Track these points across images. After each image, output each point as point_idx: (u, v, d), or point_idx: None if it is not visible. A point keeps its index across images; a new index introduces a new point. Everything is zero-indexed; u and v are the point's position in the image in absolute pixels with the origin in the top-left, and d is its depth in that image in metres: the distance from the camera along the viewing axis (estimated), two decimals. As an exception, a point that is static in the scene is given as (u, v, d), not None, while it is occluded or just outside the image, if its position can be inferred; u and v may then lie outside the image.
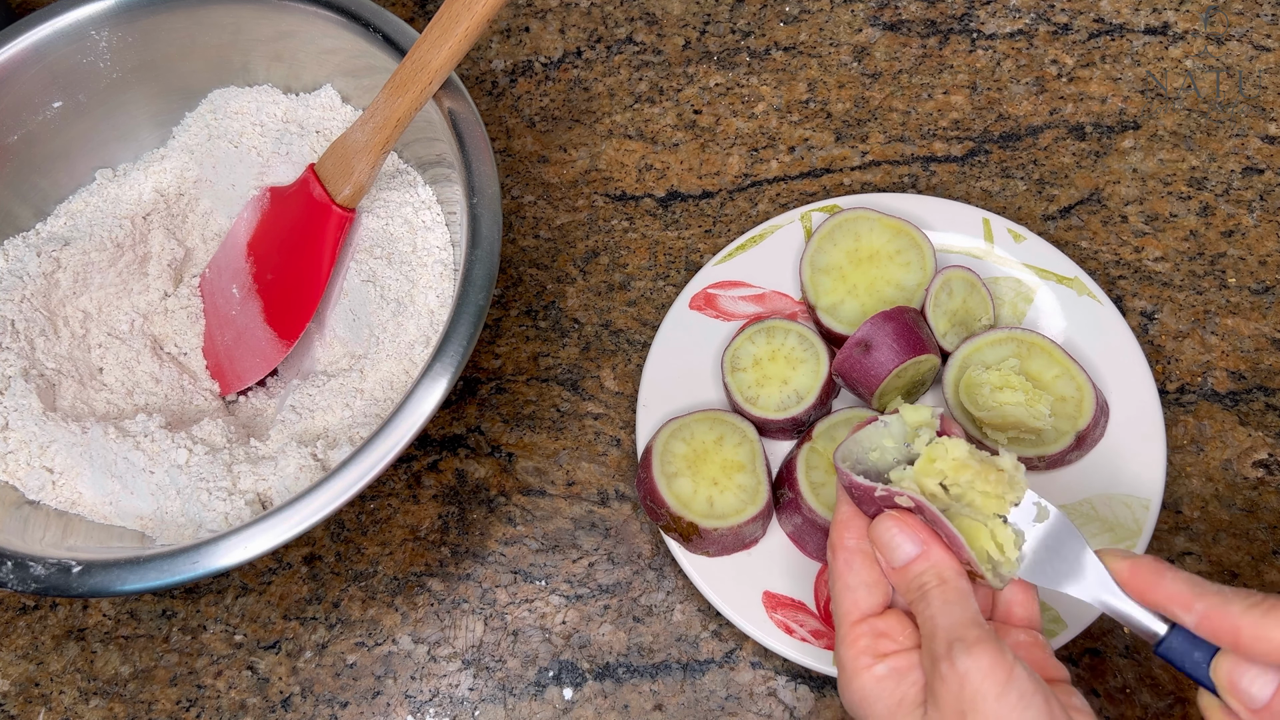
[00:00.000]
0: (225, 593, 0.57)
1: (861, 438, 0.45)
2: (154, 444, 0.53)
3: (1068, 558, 0.44)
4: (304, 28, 0.58)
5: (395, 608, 0.56)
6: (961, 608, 0.40)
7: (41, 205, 0.61)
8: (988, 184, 0.64)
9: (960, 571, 0.42)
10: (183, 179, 0.62)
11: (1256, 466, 0.56)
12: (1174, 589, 0.41)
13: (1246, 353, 0.59)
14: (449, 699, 0.54)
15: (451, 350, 0.49)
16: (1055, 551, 0.44)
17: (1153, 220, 0.62)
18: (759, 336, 0.57)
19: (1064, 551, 0.44)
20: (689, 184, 0.66)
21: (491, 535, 0.58)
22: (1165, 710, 0.51)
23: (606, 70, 0.70)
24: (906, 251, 0.58)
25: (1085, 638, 0.53)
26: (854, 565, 0.43)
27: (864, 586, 0.42)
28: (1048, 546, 0.44)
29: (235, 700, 0.55)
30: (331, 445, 0.53)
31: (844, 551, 0.43)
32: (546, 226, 0.65)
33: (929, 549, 0.42)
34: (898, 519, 0.43)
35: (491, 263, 0.51)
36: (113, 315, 0.60)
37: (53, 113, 0.59)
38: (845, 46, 0.69)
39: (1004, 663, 0.38)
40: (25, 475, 0.53)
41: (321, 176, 0.56)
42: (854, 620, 0.42)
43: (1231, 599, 0.39)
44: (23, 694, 0.56)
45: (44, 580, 0.46)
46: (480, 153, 0.53)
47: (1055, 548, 0.44)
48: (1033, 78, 0.67)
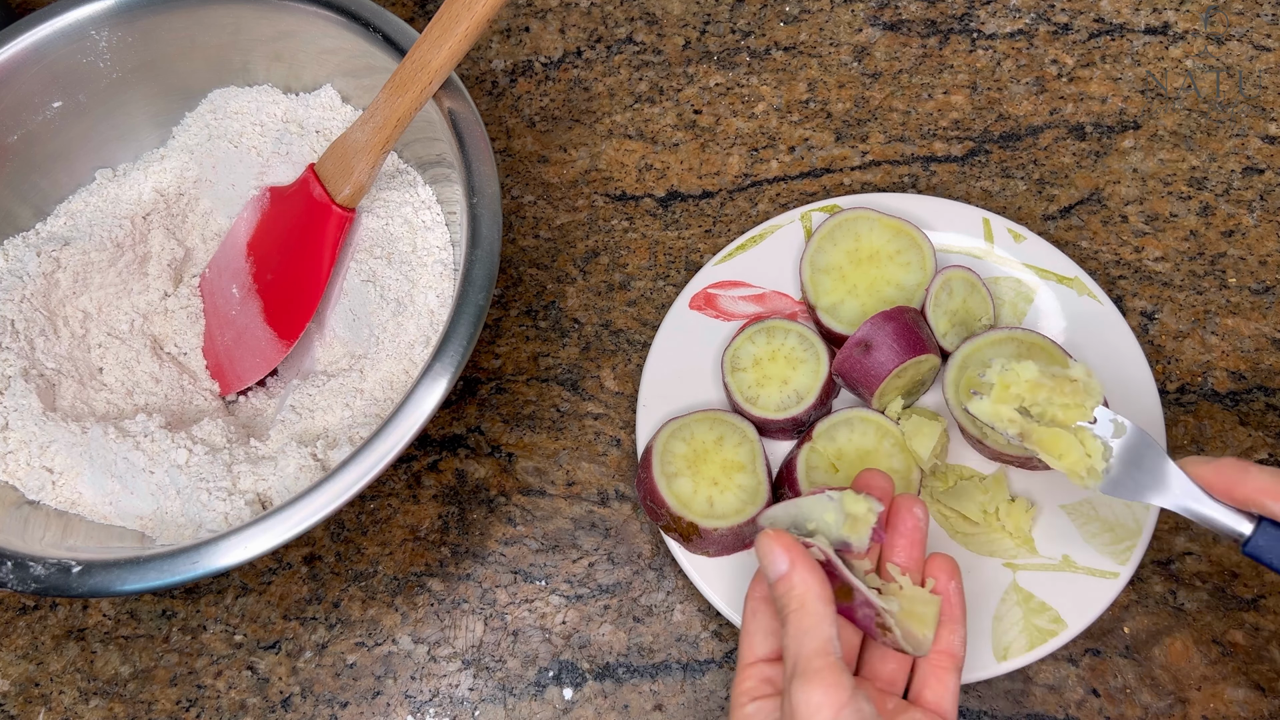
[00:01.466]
0: (225, 593, 0.57)
1: (804, 504, 0.45)
2: (154, 444, 0.53)
3: (1149, 469, 0.44)
4: (304, 28, 0.58)
5: (395, 608, 0.56)
6: (812, 636, 0.39)
7: (41, 205, 0.61)
8: (988, 184, 0.64)
9: (824, 597, 0.40)
10: (183, 179, 0.62)
11: (1257, 466, 0.56)
12: (1260, 482, 0.41)
13: (1247, 353, 0.59)
14: (449, 699, 0.54)
15: (451, 350, 0.49)
16: (1136, 464, 0.45)
17: (1153, 220, 0.62)
18: (759, 336, 0.57)
19: (1145, 464, 0.44)
20: (689, 184, 0.66)
21: (491, 535, 0.58)
22: (1165, 710, 0.51)
23: (606, 70, 0.70)
24: (906, 251, 0.58)
25: (1085, 638, 0.53)
26: (757, 614, 0.44)
27: (761, 633, 0.43)
28: (1128, 460, 0.45)
29: (235, 700, 0.55)
30: (331, 445, 0.53)
31: (751, 601, 0.44)
32: (546, 226, 0.65)
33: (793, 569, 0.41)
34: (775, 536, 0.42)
35: (491, 263, 0.51)
36: (113, 315, 0.60)
37: (53, 113, 0.59)
38: (845, 46, 0.69)
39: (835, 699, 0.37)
40: (25, 475, 0.53)
41: (321, 176, 0.56)
42: (746, 663, 0.43)
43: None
44: (23, 694, 0.56)
45: (44, 580, 0.46)
46: (480, 153, 0.53)
47: (1136, 460, 0.45)
48: (1033, 78, 0.67)
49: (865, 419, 0.54)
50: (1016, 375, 0.46)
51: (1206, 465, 0.43)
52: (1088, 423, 0.45)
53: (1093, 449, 0.45)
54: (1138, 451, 0.45)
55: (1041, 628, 0.50)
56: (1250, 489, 0.41)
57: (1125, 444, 0.45)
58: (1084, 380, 0.45)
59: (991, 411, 0.46)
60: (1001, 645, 0.50)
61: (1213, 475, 0.43)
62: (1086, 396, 0.45)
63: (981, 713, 0.52)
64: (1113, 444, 0.45)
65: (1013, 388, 0.46)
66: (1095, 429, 0.45)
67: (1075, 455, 0.45)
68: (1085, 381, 0.45)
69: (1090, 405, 0.45)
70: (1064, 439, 0.45)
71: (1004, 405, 0.46)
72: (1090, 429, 0.45)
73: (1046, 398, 0.45)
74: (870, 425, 0.54)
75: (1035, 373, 0.45)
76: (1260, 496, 0.41)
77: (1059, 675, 0.52)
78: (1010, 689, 0.52)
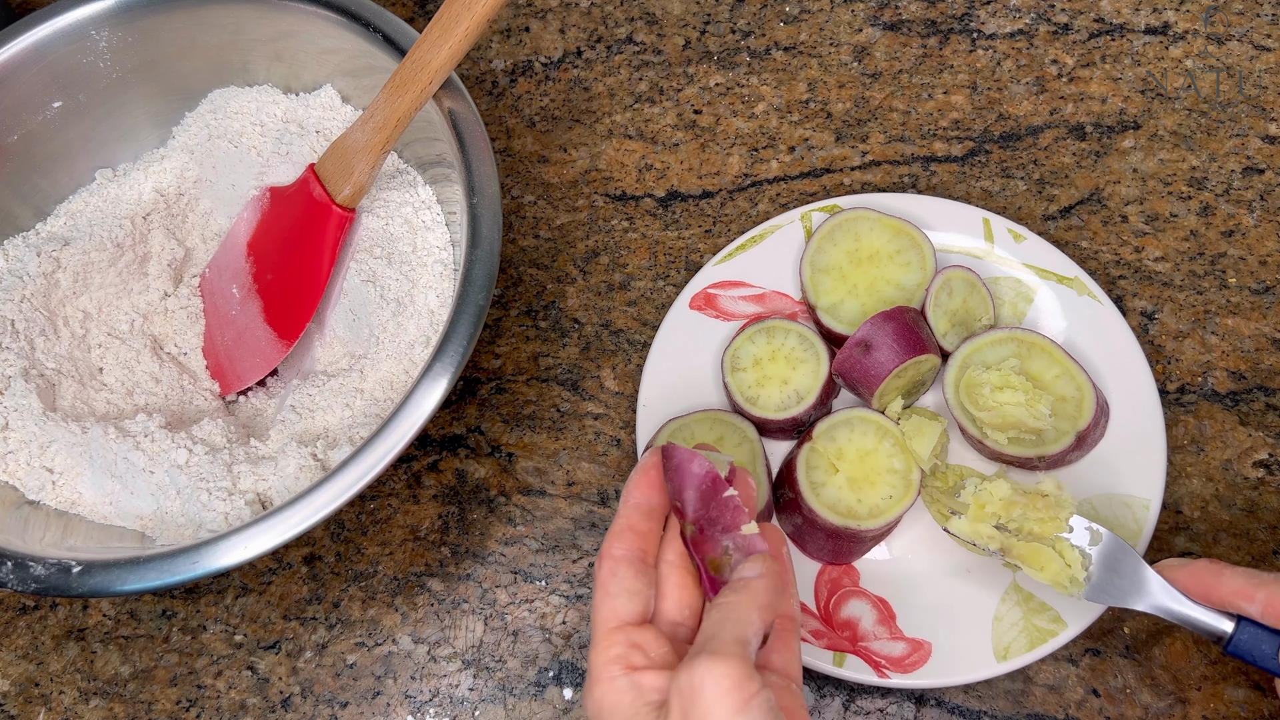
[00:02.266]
0: (225, 593, 0.57)
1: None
2: (154, 444, 0.53)
3: (1127, 574, 0.46)
4: (304, 28, 0.58)
5: (395, 608, 0.56)
6: (748, 625, 0.37)
7: (41, 205, 0.61)
8: (988, 184, 0.64)
9: (783, 591, 0.39)
10: (183, 179, 0.62)
11: (1257, 466, 0.56)
12: (1234, 584, 0.42)
13: (1247, 353, 0.59)
14: (449, 699, 0.54)
15: (451, 350, 0.49)
16: (1114, 571, 0.47)
17: (1153, 220, 0.62)
18: (759, 336, 0.57)
19: (1122, 569, 0.46)
20: (689, 184, 0.66)
21: (491, 535, 0.58)
22: (1166, 710, 0.51)
23: (606, 70, 0.70)
24: (906, 251, 0.58)
25: (1085, 638, 0.53)
26: (618, 573, 0.40)
27: (625, 594, 0.40)
28: (1107, 566, 0.47)
29: (235, 700, 0.55)
30: (331, 445, 0.53)
31: (609, 560, 0.40)
32: (546, 226, 0.65)
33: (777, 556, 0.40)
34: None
35: (491, 263, 0.51)
36: (113, 315, 0.60)
37: (53, 113, 0.59)
38: (845, 46, 0.69)
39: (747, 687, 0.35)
40: (25, 475, 0.53)
41: (321, 176, 0.56)
42: (610, 627, 0.39)
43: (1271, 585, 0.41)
44: (23, 694, 0.56)
45: (44, 580, 0.46)
46: (480, 153, 0.53)
47: (1114, 567, 0.47)
48: (1033, 78, 0.67)
49: (865, 419, 0.54)
50: (990, 494, 0.48)
51: (1182, 570, 0.44)
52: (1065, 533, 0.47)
53: (1072, 559, 0.47)
54: (1115, 557, 0.47)
55: (1041, 628, 0.50)
56: (1225, 591, 0.43)
57: (1103, 551, 0.47)
58: (1055, 494, 0.47)
59: (971, 530, 0.48)
60: (1001, 645, 0.50)
61: (1188, 579, 0.44)
62: (1059, 509, 0.47)
63: (982, 713, 0.52)
64: (1090, 552, 0.47)
65: (987, 506, 0.48)
66: (1072, 538, 0.47)
67: (1056, 567, 0.47)
68: (1056, 495, 0.47)
69: (1064, 517, 0.47)
70: (1043, 553, 0.47)
71: (981, 524, 0.48)
72: (1068, 539, 0.47)
73: (1021, 513, 0.47)
74: (870, 425, 0.54)
75: (1008, 490, 0.48)
76: (1235, 599, 0.42)
77: (1059, 675, 0.52)
78: (1010, 689, 0.52)
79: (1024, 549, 0.47)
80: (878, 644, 0.51)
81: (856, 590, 0.53)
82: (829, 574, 0.54)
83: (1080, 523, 0.47)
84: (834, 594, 0.53)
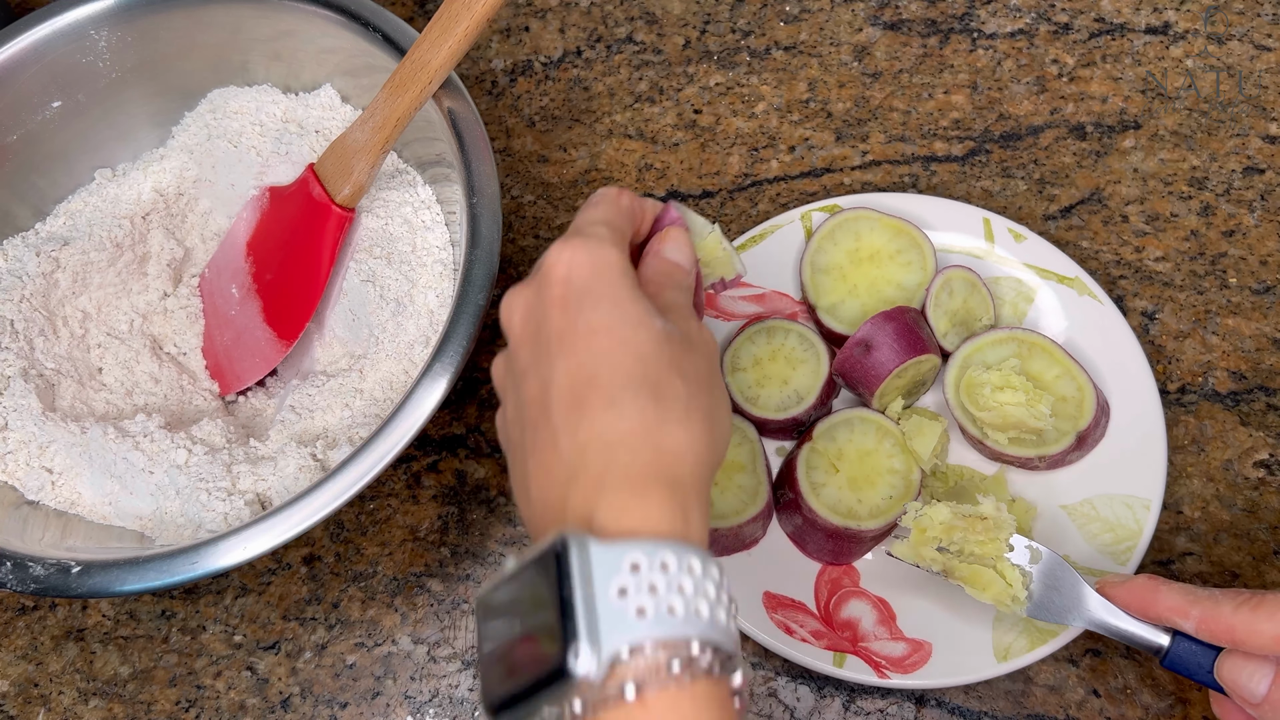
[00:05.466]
0: (224, 593, 0.57)
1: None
2: (153, 444, 0.53)
3: (1066, 591, 0.47)
4: (303, 27, 0.58)
5: (395, 608, 0.56)
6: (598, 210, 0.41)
7: (40, 205, 0.61)
8: (988, 184, 0.64)
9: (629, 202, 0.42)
10: (182, 179, 0.62)
11: (1257, 467, 0.56)
12: (1169, 601, 0.43)
13: (1247, 353, 0.58)
14: (449, 699, 0.54)
15: (451, 350, 0.48)
16: (1054, 588, 0.47)
17: (1154, 220, 0.62)
18: (759, 336, 0.57)
19: (1062, 587, 0.47)
20: (689, 184, 0.66)
21: (491, 535, 0.57)
22: (1166, 710, 0.51)
23: (606, 70, 0.70)
24: (907, 251, 0.58)
25: (1086, 638, 0.53)
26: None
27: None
28: (1047, 585, 0.47)
29: (235, 701, 0.55)
30: (331, 445, 0.53)
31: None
32: (546, 226, 0.65)
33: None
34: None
35: (491, 263, 0.50)
36: (112, 315, 0.60)
37: (52, 112, 0.59)
38: (846, 46, 0.69)
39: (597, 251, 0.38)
40: (25, 475, 0.53)
41: (321, 176, 0.56)
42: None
43: (1222, 600, 0.41)
44: (22, 694, 0.56)
45: (43, 580, 0.46)
46: (480, 152, 0.53)
47: (1054, 584, 0.47)
48: (1033, 77, 0.67)
49: (865, 419, 0.54)
50: (930, 519, 0.48)
51: (1120, 586, 0.45)
52: (1006, 553, 0.47)
53: (1012, 579, 0.47)
54: (1055, 575, 0.47)
55: (1042, 628, 0.50)
56: (1162, 608, 0.43)
57: (1043, 569, 0.48)
58: (994, 516, 0.47)
59: (913, 554, 0.49)
60: (1002, 645, 0.50)
61: (1127, 595, 0.45)
62: (999, 530, 0.47)
63: (982, 713, 0.52)
64: (1030, 570, 0.48)
65: (929, 530, 0.48)
66: (1013, 557, 0.48)
67: (998, 587, 0.47)
68: (995, 517, 0.47)
69: (1003, 538, 0.47)
70: (984, 574, 0.47)
71: (924, 547, 0.48)
72: (1010, 558, 0.48)
73: (962, 536, 0.48)
74: (870, 425, 0.54)
75: (948, 515, 0.48)
76: (1172, 615, 0.43)
77: (1059, 676, 0.52)
78: (1011, 689, 0.52)
79: (966, 570, 0.48)
80: (878, 644, 0.51)
81: (857, 590, 0.53)
82: (829, 574, 0.54)
83: (1020, 541, 0.48)
84: (834, 594, 0.53)
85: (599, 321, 0.36)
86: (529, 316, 0.38)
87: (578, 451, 0.34)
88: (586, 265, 0.37)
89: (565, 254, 0.38)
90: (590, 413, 0.35)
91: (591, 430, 0.34)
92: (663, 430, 0.34)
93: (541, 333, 0.37)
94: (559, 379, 0.36)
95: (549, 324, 0.37)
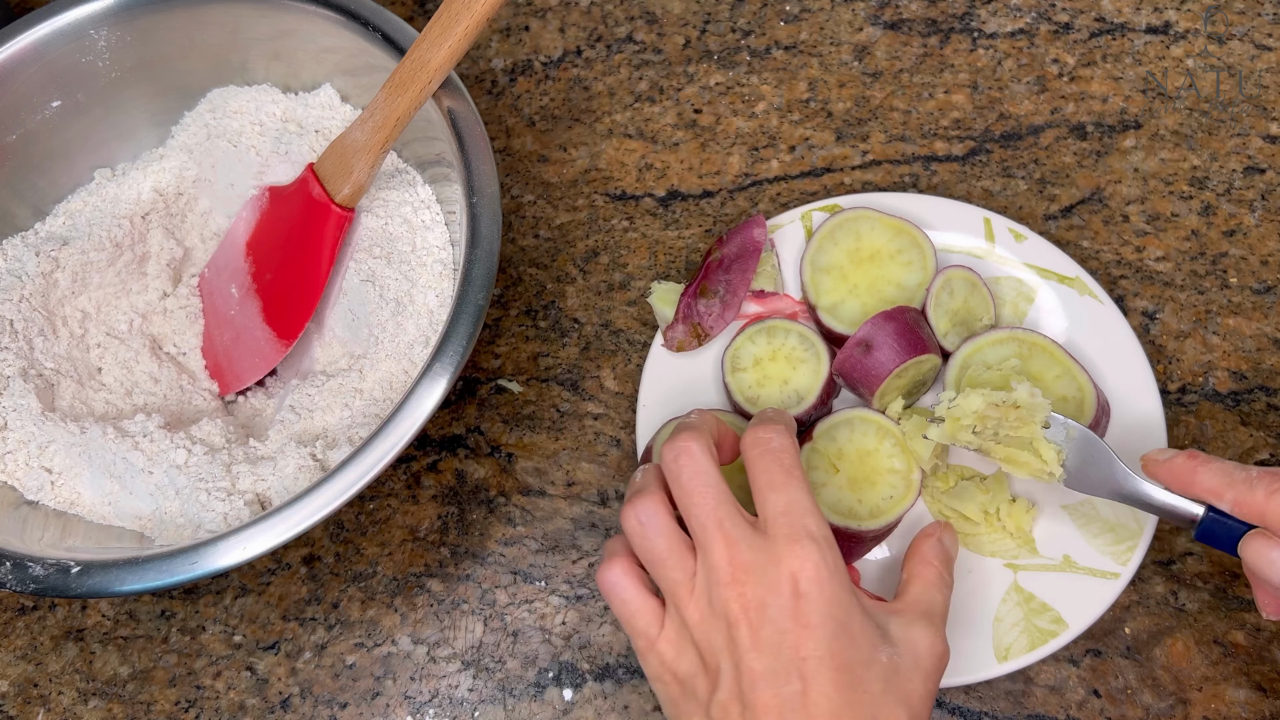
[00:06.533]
0: (224, 593, 0.57)
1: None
2: (153, 444, 0.53)
3: (1101, 466, 0.48)
4: (303, 26, 0.58)
5: (395, 608, 0.56)
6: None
7: (40, 205, 0.61)
8: (989, 183, 0.64)
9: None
10: (181, 178, 0.62)
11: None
12: (1207, 482, 0.44)
13: (1248, 353, 0.58)
14: (448, 700, 0.54)
15: (451, 350, 0.48)
16: (1089, 463, 0.48)
17: (1154, 220, 0.62)
18: (759, 336, 0.57)
19: (1097, 461, 0.48)
20: (689, 183, 0.66)
21: (491, 536, 0.57)
22: (1166, 710, 0.51)
23: (606, 69, 0.69)
24: (907, 251, 0.58)
25: (1086, 638, 0.52)
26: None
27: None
28: (1082, 459, 0.48)
29: (234, 701, 0.55)
30: (331, 445, 0.53)
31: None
32: (546, 226, 0.65)
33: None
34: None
35: (491, 262, 0.50)
36: (111, 315, 0.59)
37: (51, 112, 0.59)
38: (846, 45, 0.69)
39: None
40: (24, 475, 0.53)
41: (321, 176, 0.56)
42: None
43: (1257, 485, 0.42)
44: (21, 694, 0.56)
45: (43, 581, 0.46)
46: (480, 152, 0.53)
47: (1088, 460, 0.48)
48: (1034, 77, 0.67)
49: (866, 419, 0.54)
50: (963, 409, 0.49)
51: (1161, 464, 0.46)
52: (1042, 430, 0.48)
53: (1048, 456, 0.48)
54: (1089, 451, 0.48)
55: (1042, 628, 0.50)
56: (1200, 488, 0.45)
57: (1077, 445, 0.48)
58: (1028, 403, 0.48)
59: (949, 435, 0.50)
60: (1002, 646, 0.50)
61: (1167, 474, 0.46)
62: (1033, 414, 0.48)
63: (982, 713, 0.52)
64: (1065, 446, 0.48)
65: (962, 420, 0.49)
66: (1050, 434, 0.48)
67: (1034, 464, 0.48)
68: (1030, 404, 0.48)
69: (1038, 420, 0.48)
70: (1019, 453, 0.48)
71: (960, 433, 0.49)
72: (1045, 434, 0.48)
73: (995, 423, 0.49)
74: (871, 425, 0.54)
75: (981, 403, 0.49)
76: (1208, 496, 0.44)
77: (1060, 676, 0.52)
78: (1011, 689, 0.52)
79: (1001, 450, 0.49)
80: (878, 645, 0.51)
81: (858, 590, 0.53)
82: (829, 574, 0.54)
83: (1057, 419, 0.48)
84: (834, 594, 0.53)
85: (840, 656, 0.39)
86: (765, 620, 0.39)
87: None
88: (827, 586, 0.40)
89: (807, 567, 0.40)
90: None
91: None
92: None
93: (784, 647, 0.39)
94: (805, 705, 0.38)
95: (791, 640, 0.39)
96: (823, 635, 0.39)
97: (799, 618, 0.39)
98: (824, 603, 0.39)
